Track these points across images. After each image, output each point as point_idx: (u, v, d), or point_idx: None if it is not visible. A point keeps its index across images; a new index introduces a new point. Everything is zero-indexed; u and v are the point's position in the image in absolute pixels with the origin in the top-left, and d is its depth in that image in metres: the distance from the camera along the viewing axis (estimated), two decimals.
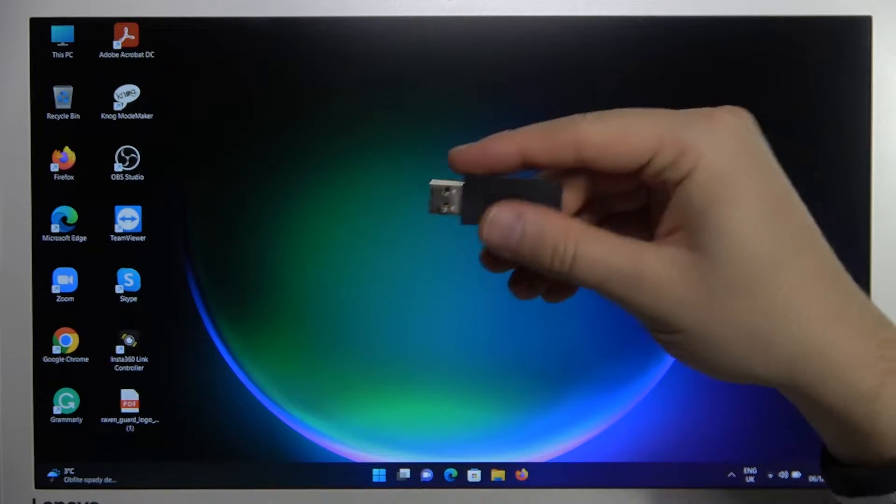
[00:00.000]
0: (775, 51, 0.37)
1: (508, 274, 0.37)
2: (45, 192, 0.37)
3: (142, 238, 0.37)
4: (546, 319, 0.37)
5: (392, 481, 0.38)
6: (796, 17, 0.37)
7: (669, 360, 0.37)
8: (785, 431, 0.38)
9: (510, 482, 0.38)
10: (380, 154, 0.37)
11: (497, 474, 0.38)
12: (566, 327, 0.37)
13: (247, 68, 0.37)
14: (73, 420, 0.38)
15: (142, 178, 0.37)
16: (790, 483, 0.38)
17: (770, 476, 0.38)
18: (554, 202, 0.23)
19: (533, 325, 0.37)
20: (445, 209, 0.24)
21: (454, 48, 0.37)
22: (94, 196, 0.37)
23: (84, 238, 0.37)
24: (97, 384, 0.37)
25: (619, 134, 0.22)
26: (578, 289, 0.26)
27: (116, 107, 0.37)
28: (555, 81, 0.37)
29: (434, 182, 0.24)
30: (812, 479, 0.38)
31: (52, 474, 0.38)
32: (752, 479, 0.38)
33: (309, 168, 0.37)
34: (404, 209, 0.37)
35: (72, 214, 0.37)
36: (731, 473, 0.38)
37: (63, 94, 0.37)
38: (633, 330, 0.37)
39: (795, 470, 0.38)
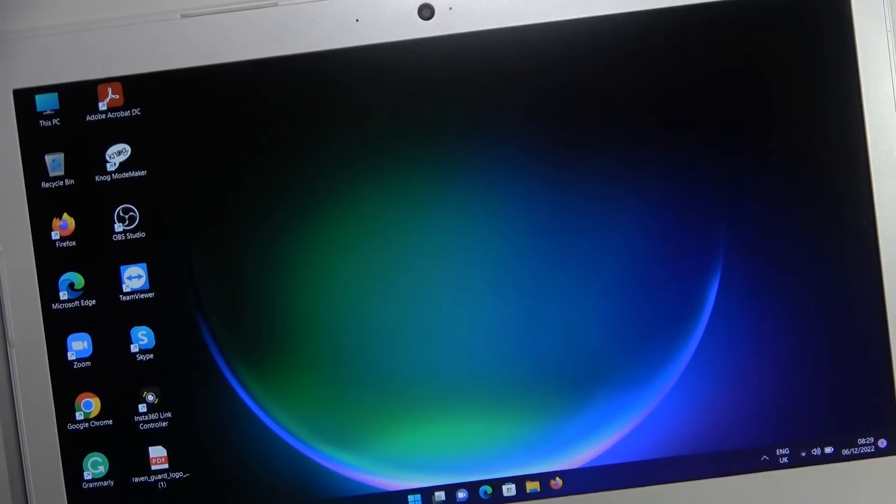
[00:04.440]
0: (761, 38, 0.37)
1: (522, 283, 0.37)
2: (50, 261, 0.37)
3: (151, 294, 0.37)
4: (564, 324, 0.37)
5: None
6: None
7: (689, 353, 0.37)
8: (812, 409, 0.38)
9: (546, 492, 0.38)
10: (379, 183, 0.37)
11: (532, 486, 0.38)
12: (585, 330, 0.37)
13: (236, 112, 0.37)
14: (105, 483, 0.38)
15: (143, 234, 0.37)
16: (824, 459, 0.38)
17: (803, 455, 0.38)
18: None
19: (551, 331, 0.37)
20: None
21: (441, 68, 0.37)
22: (99, 259, 0.37)
23: (93, 302, 0.37)
24: (124, 445, 0.38)
25: None
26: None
27: (109, 167, 0.37)
28: (549, 90, 0.37)
29: None
30: (845, 451, 0.38)
31: None
32: (785, 459, 0.38)
33: (310, 205, 0.37)
34: (409, 235, 0.37)
35: (78, 280, 0.37)
36: (765, 457, 0.38)
37: (55, 162, 0.37)
38: (650, 327, 0.37)
39: (828, 446, 0.38)
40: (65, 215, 0.37)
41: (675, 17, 0.37)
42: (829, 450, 0.38)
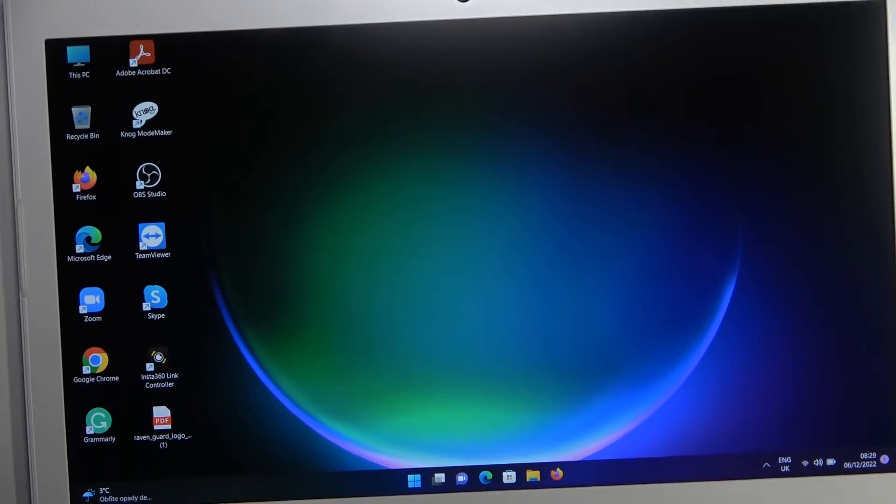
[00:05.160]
0: (788, 39, 0.37)
1: (535, 271, 0.37)
2: (69, 213, 0.37)
3: (167, 254, 0.37)
4: (575, 316, 0.37)
5: (427, 486, 0.38)
6: (808, 3, 0.37)
7: (700, 354, 0.37)
8: (817, 419, 0.38)
9: (546, 482, 0.38)
10: (400, 159, 0.37)
11: (532, 475, 0.38)
12: (596, 323, 0.37)
13: (264, 79, 0.37)
14: (107, 439, 0.38)
15: (164, 194, 0.37)
16: (825, 471, 0.38)
17: (805, 464, 0.38)
18: None
19: (562, 322, 0.37)
20: None
21: (471, 51, 0.37)
22: (118, 214, 0.37)
23: (109, 257, 0.37)
24: (129, 402, 0.37)
25: None
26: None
27: (136, 124, 0.37)
28: (575, 80, 0.37)
29: None
30: (847, 465, 0.38)
31: (87, 494, 0.38)
32: (787, 468, 0.38)
33: (331, 176, 0.37)
34: (427, 214, 0.37)
35: (96, 234, 0.37)
36: (767, 464, 0.38)
37: (82, 115, 0.37)
38: (662, 325, 0.37)
39: (830, 457, 0.38)
40: (87, 168, 0.37)
41: (705, 18, 0.37)
42: (831, 462, 0.38)
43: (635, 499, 0.38)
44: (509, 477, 0.38)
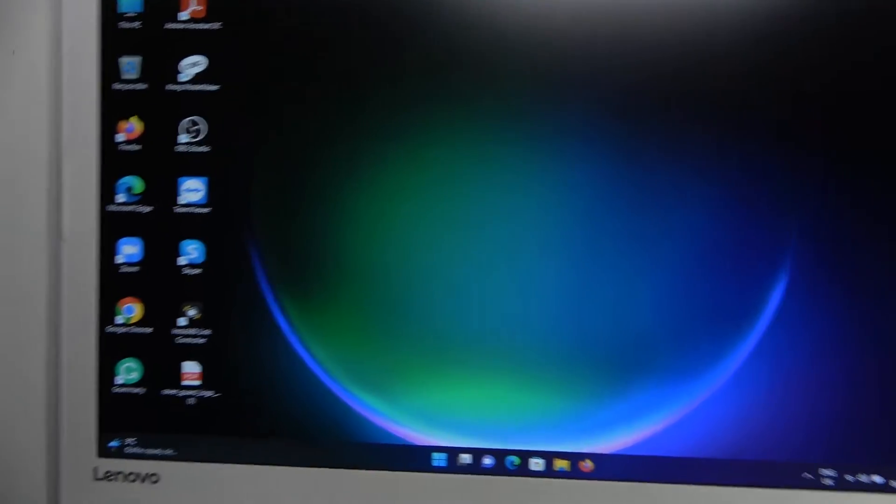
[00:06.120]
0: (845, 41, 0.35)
1: (577, 253, 0.36)
2: (112, 162, 0.37)
3: (206, 210, 0.37)
4: (615, 303, 0.36)
5: (452, 466, 0.37)
6: None
7: (746, 350, 0.36)
8: (867, 431, 0.36)
9: (574, 473, 0.37)
10: (447, 130, 0.36)
11: (561, 464, 0.37)
12: (636, 312, 0.36)
13: (314, 39, 0.36)
14: (136, 390, 0.38)
15: (207, 149, 0.37)
16: (871, 487, 0.36)
17: (849, 479, 0.36)
18: None
19: (601, 308, 0.36)
20: None
21: (526, 27, 0.36)
22: (160, 167, 0.37)
23: (149, 208, 0.37)
24: (160, 355, 0.37)
25: None
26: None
27: (182, 77, 0.37)
28: (630, 62, 0.35)
29: None
30: (894, 483, 0.36)
31: (113, 444, 0.38)
32: (829, 481, 0.36)
33: (376, 143, 0.36)
34: (470, 188, 0.36)
35: (137, 184, 0.37)
36: (807, 474, 0.36)
37: (130, 65, 0.37)
38: (707, 316, 0.36)
39: (876, 474, 0.36)
40: (133, 119, 0.37)
41: (761, 12, 0.35)
42: (877, 479, 0.36)
43: (667, 499, 0.36)
44: (537, 464, 0.37)
